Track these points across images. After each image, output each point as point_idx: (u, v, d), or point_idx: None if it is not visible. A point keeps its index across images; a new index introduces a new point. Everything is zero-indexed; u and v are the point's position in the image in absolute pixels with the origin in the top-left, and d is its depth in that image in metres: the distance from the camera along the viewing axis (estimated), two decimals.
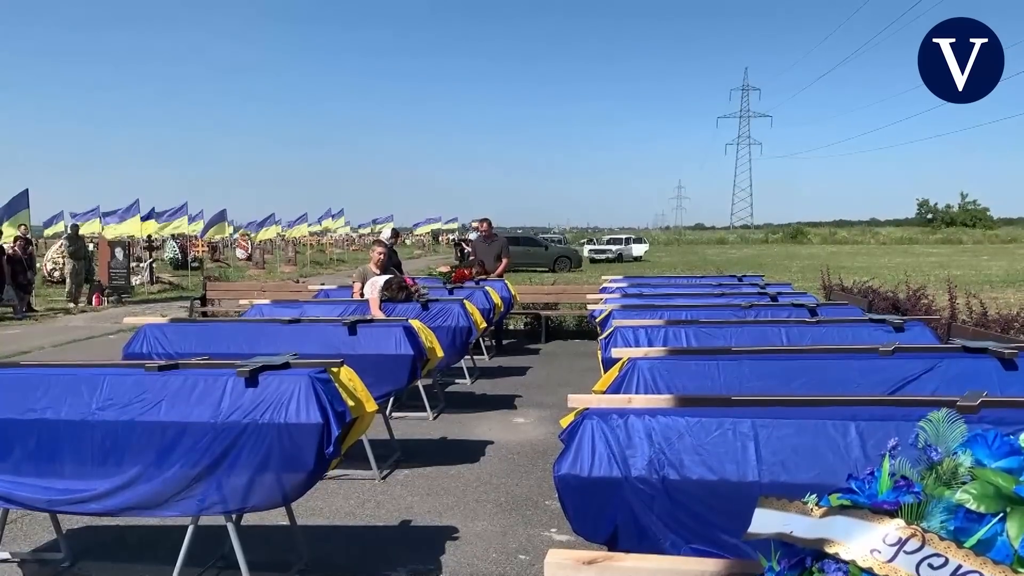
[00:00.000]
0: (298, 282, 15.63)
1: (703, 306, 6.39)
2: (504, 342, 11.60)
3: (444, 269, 11.08)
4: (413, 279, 7.99)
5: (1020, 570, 1.02)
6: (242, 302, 8.27)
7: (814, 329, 4.99)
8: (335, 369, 3.83)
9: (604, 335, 5.27)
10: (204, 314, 12.84)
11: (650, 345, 4.70)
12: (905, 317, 5.21)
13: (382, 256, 8.16)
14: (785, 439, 2.49)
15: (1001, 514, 1.07)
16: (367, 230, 56.92)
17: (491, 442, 6.41)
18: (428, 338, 5.89)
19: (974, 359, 3.63)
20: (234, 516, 3.67)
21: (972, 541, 1.05)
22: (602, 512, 2.54)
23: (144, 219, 23.86)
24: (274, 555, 4.21)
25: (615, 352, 4.22)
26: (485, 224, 11.27)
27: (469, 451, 6.15)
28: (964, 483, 1.13)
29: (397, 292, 7.30)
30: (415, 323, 5.85)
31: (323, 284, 10.67)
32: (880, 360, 3.71)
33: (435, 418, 7.23)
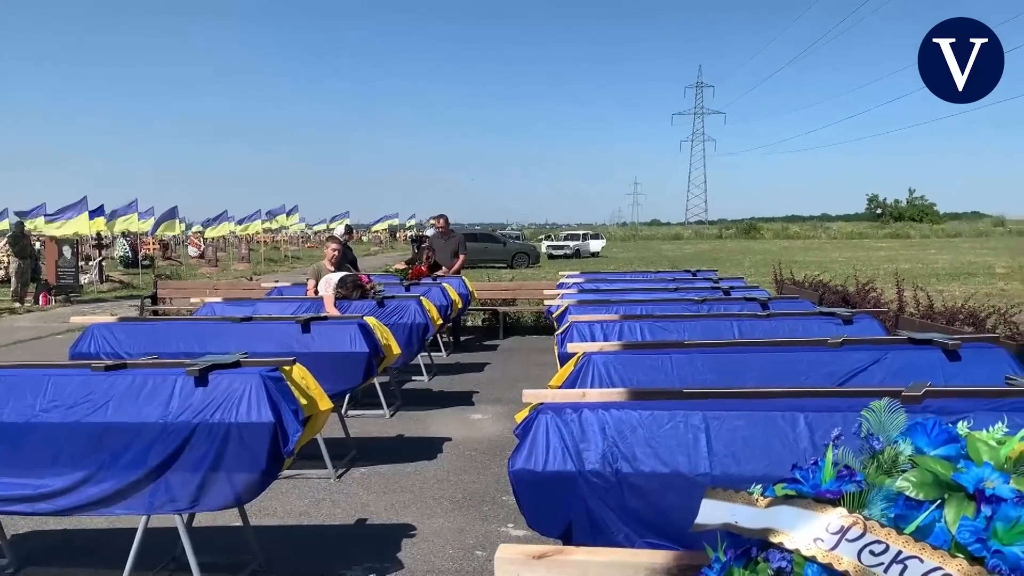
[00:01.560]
0: (251, 280, 15.43)
1: (658, 301, 6.45)
2: (462, 339, 11.58)
3: (401, 266, 11.01)
4: (368, 276, 7.92)
5: (957, 555, 1.04)
6: (193, 300, 8.13)
7: (765, 323, 5.06)
8: (287, 367, 3.79)
9: (560, 330, 5.29)
10: (155, 313, 12.59)
11: (605, 340, 4.72)
12: (854, 310, 5.31)
13: (336, 253, 8.09)
14: (736, 431, 2.52)
15: (939, 501, 1.10)
16: (322, 227, 56.37)
17: (448, 439, 6.39)
18: (384, 335, 5.85)
19: (919, 350, 3.71)
20: (185, 517, 3.61)
21: (911, 527, 1.07)
22: (557, 506, 2.55)
23: (92, 216, 23.31)
24: (226, 556, 4.14)
25: (570, 347, 4.23)
26: (442, 221, 11.23)
27: (426, 448, 6.12)
28: (904, 471, 1.15)
29: (352, 289, 7.24)
30: (370, 320, 5.81)
31: (277, 282, 10.52)
32: (829, 352, 3.78)
33: (392, 416, 7.19)
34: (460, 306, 9.40)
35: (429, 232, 12.93)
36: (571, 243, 43.26)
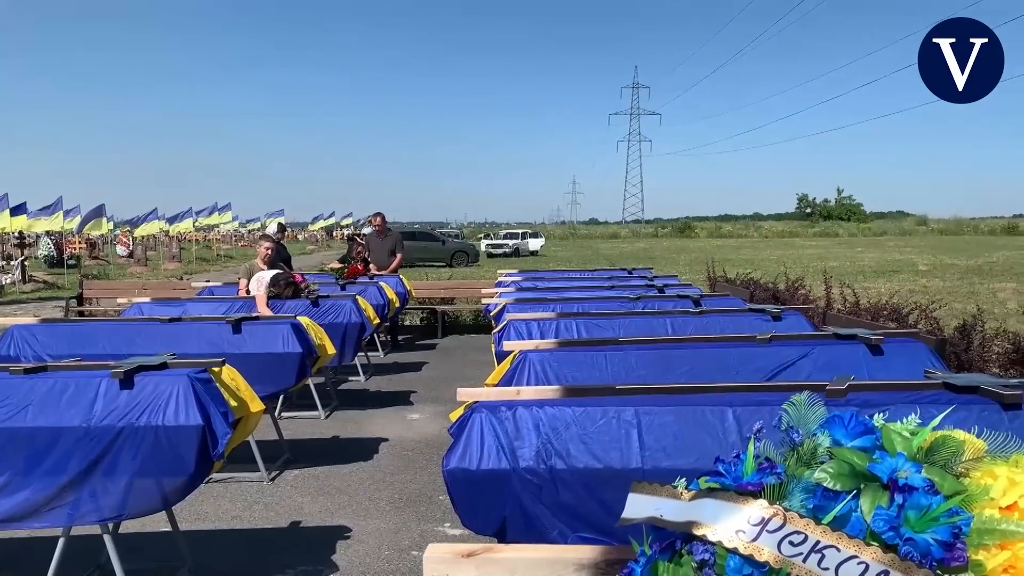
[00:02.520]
0: (182, 279, 15.04)
1: (594, 299, 6.51)
2: (399, 338, 11.50)
3: (336, 265, 10.88)
4: (302, 275, 7.79)
5: (872, 543, 1.07)
6: (120, 301, 7.88)
7: (698, 319, 5.15)
8: (216, 368, 3.71)
9: (498, 329, 5.29)
10: (81, 314, 12.17)
11: (542, 338, 4.74)
12: (783, 307, 5.44)
13: (269, 252, 7.93)
14: (666, 426, 2.55)
15: (855, 491, 1.13)
16: (257, 225, 55.32)
17: (385, 439, 6.33)
18: (318, 335, 5.76)
19: (844, 346, 3.83)
20: (110, 525, 3.50)
21: (829, 517, 1.10)
22: (491, 505, 2.55)
23: (14, 214, 22.43)
24: (155, 562, 4.03)
25: (507, 345, 4.24)
26: (379, 219, 11.13)
27: (362, 449, 6.06)
28: (822, 463, 1.18)
29: (285, 288, 7.12)
30: (304, 320, 5.72)
31: (208, 281, 10.29)
32: (758, 348, 3.87)
33: (327, 417, 7.10)
34: (397, 305, 9.33)
35: (367, 231, 12.81)
36: (510, 242, 43.36)
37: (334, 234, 64.05)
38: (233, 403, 3.68)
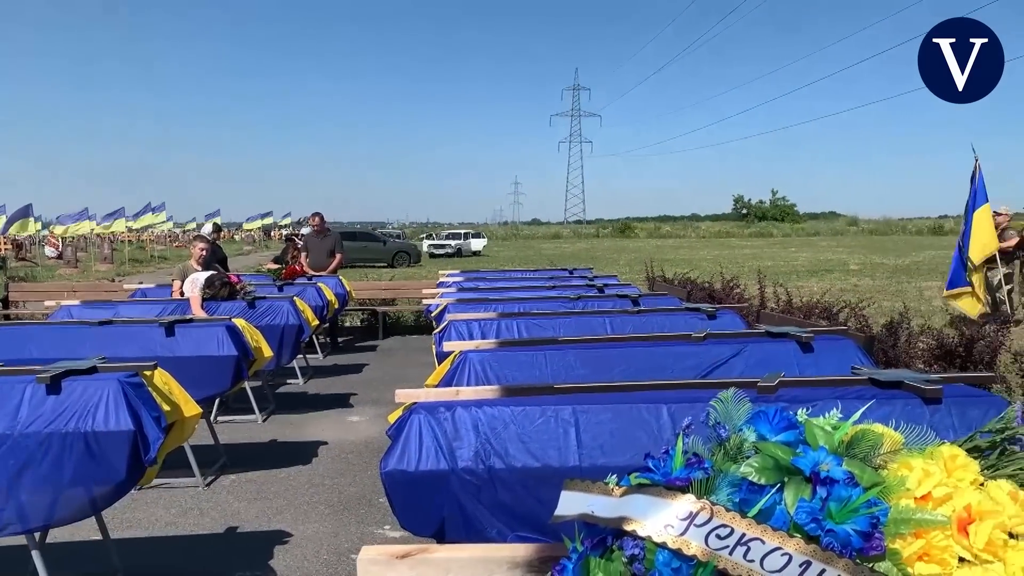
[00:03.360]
0: (114, 281, 14.62)
1: (535, 299, 6.55)
2: (339, 340, 11.38)
3: (273, 266, 10.71)
4: (238, 276, 7.66)
5: (795, 535, 1.10)
6: (48, 304, 7.62)
7: (636, 319, 5.22)
8: (148, 372, 3.62)
9: (439, 329, 5.28)
10: (6, 317, 11.74)
11: (483, 338, 4.75)
12: (718, 306, 5.55)
13: (204, 252, 7.77)
14: (603, 424, 2.58)
15: (779, 484, 1.16)
16: (192, 225, 54.09)
17: (324, 442, 6.26)
18: (254, 337, 5.67)
19: (776, 343, 3.92)
20: (37, 534, 3.39)
21: (754, 511, 1.13)
22: (430, 506, 2.54)
23: None
24: (85, 571, 3.91)
25: (447, 345, 4.23)
26: (317, 219, 10.99)
27: (301, 452, 5.98)
28: (748, 457, 1.21)
29: (220, 289, 6.98)
30: (239, 322, 5.62)
31: (141, 283, 10.03)
32: (693, 346, 3.93)
33: (264, 420, 6.98)
34: (336, 306, 9.24)
35: (305, 231, 12.64)
36: (452, 242, 43.27)
37: (272, 234, 63.01)
38: (166, 407, 3.60)
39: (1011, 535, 1.17)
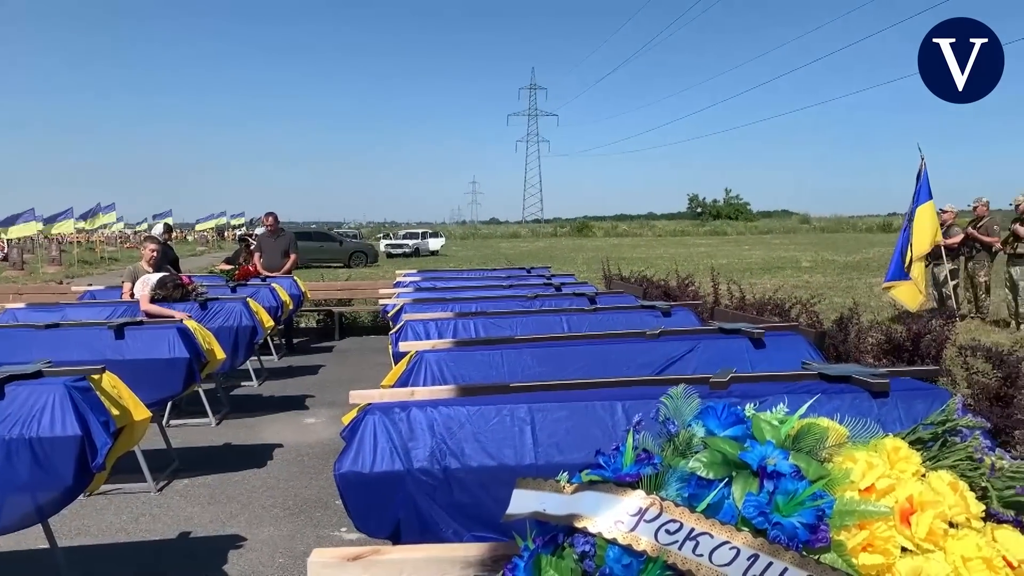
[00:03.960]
0: (62, 283, 14.27)
1: (492, 298, 6.54)
2: (295, 341, 11.24)
3: (226, 267, 10.54)
4: (190, 277, 7.52)
5: (743, 528, 1.11)
6: None
7: (592, 316, 5.25)
8: (96, 376, 3.54)
9: (395, 329, 5.25)
10: None
11: (440, 337, 4.73)
12: (673, 303, 5.60)
13: (155, 253, 7.62)
14: (559, 422, 2.59)
15: (727, 479, 1.17)
16: (143, 226, 53.01)
17: (280, 445, 6.18)
18: (206, 339, 5.58)
19: (729, 339, 3.97)
20: None
21: (703, 505, 1.14)
22: (385, 507, 2.52)
23: None
24: None
25: (403, 346, 4.21)
26: (271, 219, 10.84)
27: (255, 456, 5.90)
28: (697, 452, 1.22)
29: (172, 291, 6.86)
30: (191, 324, 5.53)
31: (90, 285, 9.81)
32: (648, 343, 3.97)
33: (218, 423, 6.87)
34: (291, 307, 9.14)
35: (259, 231, 12.48)
36: (410, 242, 43.02)
37: (225, 235, 62.07)
38: (115, 412, 3.52)
39: (951, 524, 1.20)
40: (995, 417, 4.05)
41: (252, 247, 10.72)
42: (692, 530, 1.11)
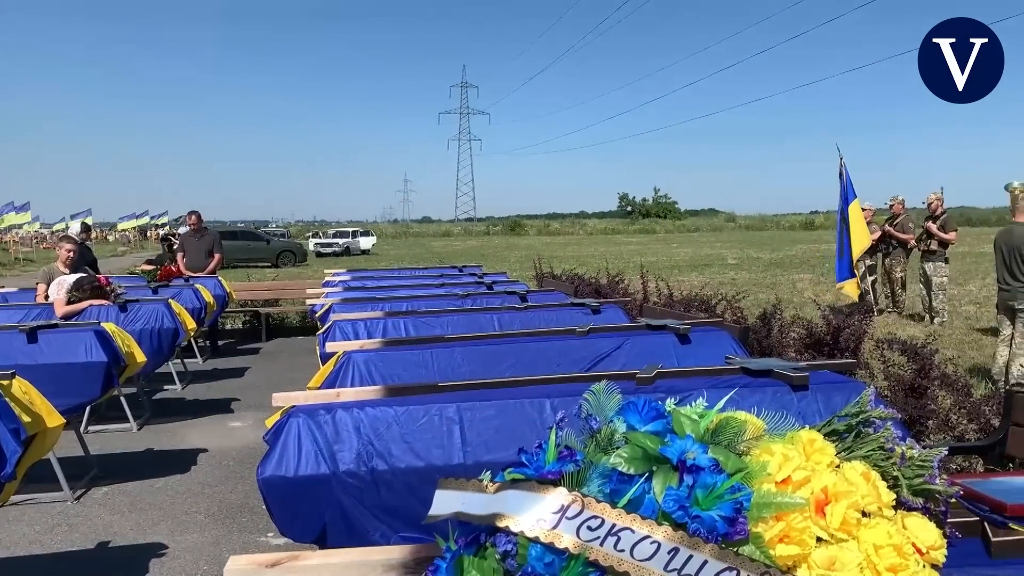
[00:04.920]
0: None
1: (423, 297, 6.50)
2: (220, 343, 10.98)
3: (147, 267, 10.23)
4: (108, 278, 7.27)
5: (664, 522, 1.12)
6: None
7: (523, 315, 5.26)
8: (5, 382, 3.39)
9: (323, 330, 5.17)
10: None
11: (369, 337, 4.68)
12: (603, 300, 5.66)
13: (71, 254, 7.34)
14: (488, 420, 2.59)
15: (648, 473, 1.18)
16: (61, 226, 51.05)
17: (204, 450, 6.02)
18: (125, 342, 5.40)
19: (656, 335, 4.03)
20: None
21: (624, 501, 1.15)
22: (310, 511, 2.48)
23: None
24: None
25: (331, 346, 4.15)
26: (194, 217, 10.57)
27: (179, 461, 5.73)
28: (619, 448, 1.22)
29: (89, 293, 6.61)
30: (109, 326, 5.34)
31: (2, 287, 9.39)
32: (578, 340, 4.00)
33: (139, 429, 6.65)
34: (215, 308, 8.92)
35: (183, 230, 12.15)
36: (340, 241, 42.49)
37: (148, 234, 60.27)
38: (25, 419, 3.38)
39: (864, 513, 1.23)
40: (910, 408, 4.20)
41: (175, 247, 10.43)
42: (614, 526, 1.11)
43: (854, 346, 5.32)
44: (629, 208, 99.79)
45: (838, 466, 1.28)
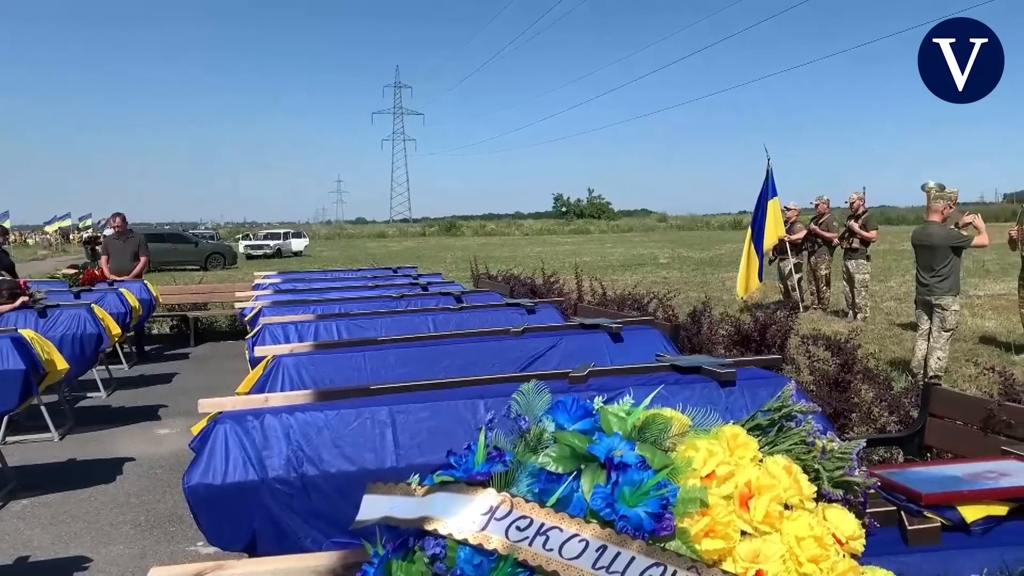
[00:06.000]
0: None
1: (356, 299, 6.43)
2: (146, 348, 10.68)
3: (70, 270, 9.88)
4: (27, 282, 7.00)
5: (592, 520, 1.13)
6: None
7: (458, 315, 5.25)
8: None
9: (252, 334, 5.08)
10: None
11: (300, 341, 4.61)
12: (538, 300, 5.68)
13: None
14: (421, 422, 2.57)
15: (576, 472, 1.19)
16: None
17: (131, 458, 5.84)
18: (45, 349, 5.21)
19: (589, 334, 4.07)
20: None
21: (552, 500, 1.15)
22: (239, 519, 2.43)
23: None
24: None
25: (260, 350, 4.07)
26: (118, 220, 10.25)
27: (104, 471, 5.54)
28: (548, 447, 1.23)
29: (7, 298, 6.35)
30: (27, 333, 5.15)
31: None
32: (512, 340, 4.01)
33: (62, 438, 6.41)
34: (141, 313, 8.67)
35: (107, 232, 11.78)
36: (271, 242, 41.70)
37: (71, 237, 58.19)
38: None
39: (786, 506, 1.26)
40: (834, 401, 4.33)
41: (99, 250, 10.10)
42: (542, 525, 1.11)
43: (780, 342, 5.46)
44: (564, 209, 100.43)
45: (761, 460, 1.31)
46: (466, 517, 1.13)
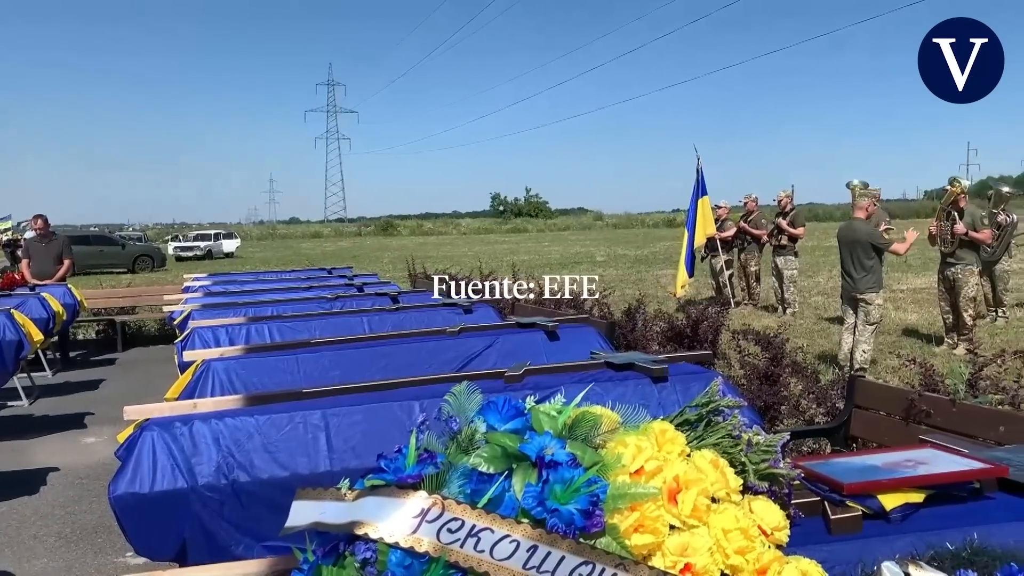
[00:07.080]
0: None
1: (289, 300, 6.34)
2: (71, 354, 10.33)
3: None
4: None
5: (523, 520, 1.13)
6: None
7: (394, 316, 5.22)
8: None
9: (181, 338, 4.95)
10: None
11: (231, 344, 4.52)
12: (474, 299, 5.68)
13: None
14: (355, 425, 2.55)
15: (507, 472, 1.19)
16: None
17: (55, 468, 5.64)
18: None
19: (526, 333, 4.09)
20: None
21: (484, 500, 1.15)
22: (168, 528, 2.37)
23: None
24: None
25: (189, 355, 3.97)
26: (40, 221, 9.88)
27: (25, 482, 5.34)
28: (479, 448, 1.23)
29: None
30: None
31: None
32: (449, 340, 4.00)
33: None
34: (65, 318, 8.37)
35: (29, 235, 11.35)
36: (202, 244, 40.74)
37: None
38: None
39: (714, 499, 1.29)
40: (764, 395, 4.43)
41: (19, 253, 9.73)
42: (474, 526, 1.11)
43: (712, 338, 5.57)
44: (501, 208, 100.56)
45: (689, 455, 1.34)
46: (397, 520, 1.13)
